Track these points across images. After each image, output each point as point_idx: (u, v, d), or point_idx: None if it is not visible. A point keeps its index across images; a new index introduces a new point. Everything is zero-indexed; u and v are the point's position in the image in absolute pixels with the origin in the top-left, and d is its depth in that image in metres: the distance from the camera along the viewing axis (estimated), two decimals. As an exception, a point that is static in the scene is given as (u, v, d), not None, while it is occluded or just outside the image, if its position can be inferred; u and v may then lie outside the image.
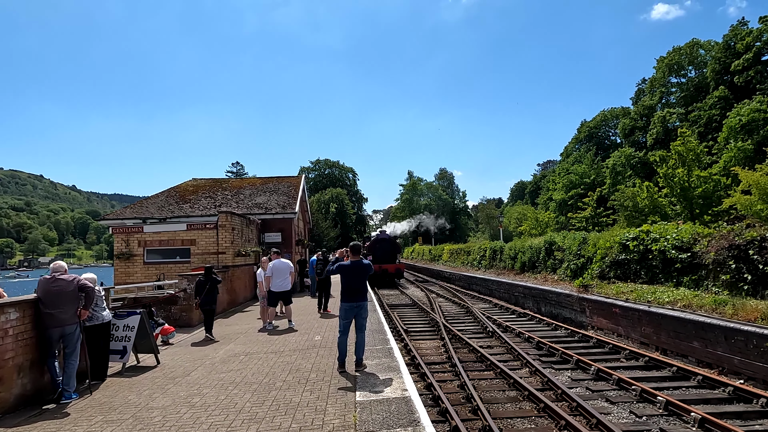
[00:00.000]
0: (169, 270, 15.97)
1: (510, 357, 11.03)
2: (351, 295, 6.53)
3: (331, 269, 6.70)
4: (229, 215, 15.95)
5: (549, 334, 13.41)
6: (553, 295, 16.72)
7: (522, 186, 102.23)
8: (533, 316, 16.52)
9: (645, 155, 58.10)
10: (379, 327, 10.55)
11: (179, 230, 16.30)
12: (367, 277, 6.73)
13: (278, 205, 21.52)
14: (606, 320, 13.13)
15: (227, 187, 23.65)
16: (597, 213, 47.80)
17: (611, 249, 15.68)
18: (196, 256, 16.14)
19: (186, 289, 11.96)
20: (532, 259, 22.66)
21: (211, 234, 16.11)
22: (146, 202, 21.13)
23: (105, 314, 6.89)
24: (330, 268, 6.72)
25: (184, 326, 11.85)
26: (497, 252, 28.51)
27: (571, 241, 19.10)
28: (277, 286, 10.95)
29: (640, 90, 71.01)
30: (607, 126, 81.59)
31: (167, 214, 19.39)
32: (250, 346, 8.89)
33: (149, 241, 16.31)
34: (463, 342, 12.51)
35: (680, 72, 61.56)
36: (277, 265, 11.03)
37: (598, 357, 10.71)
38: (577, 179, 64.61)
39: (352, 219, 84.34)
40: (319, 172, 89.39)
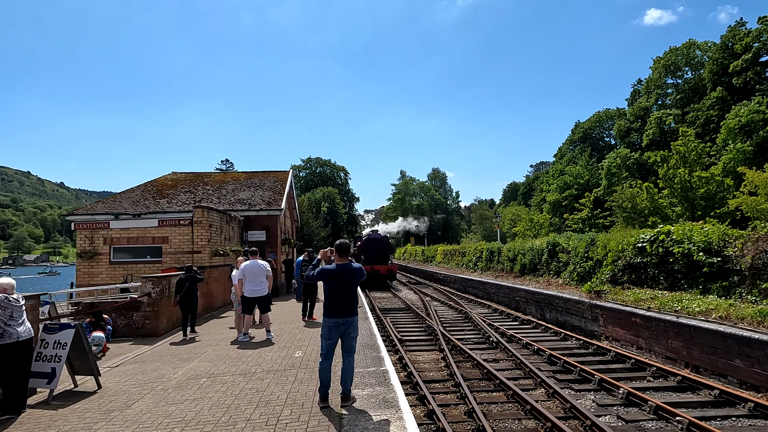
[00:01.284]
0: (138, 270, 14.42)
1: (520, 374, 9.66)
2: (337, 309, 5.11)
3: (312, 274, 5.22)
4: (205, 210, 14.43)
5: (559, 346, 12.07)
6: (560, 301, 15.39)
7: (515, 187, 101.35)
8: (538, 323, 15.18)
9: (641, 156, 57.32)
10: (371, 340, 9.10)
11: (150, 227, 14.75)
12: (358, 284, 5.30)
13: (263, 201, 20.00)
14: (624, 331, 11.79)
15: (209, 182, 22.07)
16: (594, 214, 46.81)
17: (624, 251, 14.37)
18: (168, 255, 14.60)
19: (150, 293, 10.45)
20: (533, 262, 21.33)
21: (185, 231, 14.59)
22: (119, 196, 19.51)
23: (21, 330, 5.38)
24: (311, 273, 5.23)
25: (148, 335, 10.34)
26: (494, 253, 27.18)
27: (577, 243, 17.80)
28: (251, 291, 9.47)
29: (635, 91, 70.35)
30: (602, 127, 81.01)
31: (142, 209, 17.81)
32: (216, 364, 7.41)
33: (116, 239, 14.74)
34: (465, 354, 11.13)
35: (676, 73, 60.79)
36: (249, 267, 9.55)
37: (621, 375, 9.37)
38: (572, 180, 63.67)
39: (344, 219, 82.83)
40: (311, 170, 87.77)
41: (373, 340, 9.02)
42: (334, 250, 5.17)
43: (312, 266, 5.32)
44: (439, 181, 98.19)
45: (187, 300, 10.21)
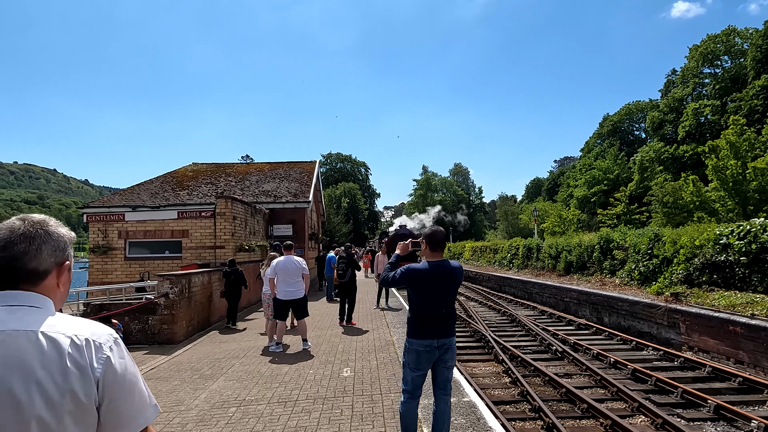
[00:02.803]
0: (156, 267, 13.11)
1: (606, 394, 8.02)
2: (429, 327, 3.50)
3: (392, 276, 3.60)
4: (229, 201, 13.04)
5: (636, 357, 10.36)
6: (624, 304, 13.63)
7: (538, 183, 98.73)
8: (598, 328, 13.45)
9: (676, 150, 54.72)
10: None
11: (169, 219, 13.42)
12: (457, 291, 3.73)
13: (289, 193, 18.61)
14: (716, 341, 10.04)
15: (231, 173, 20.77)
16: (629, 210, 44.52)
17: (702, 248, 12.57)
18: (189, 250, 13.26)
19: (168, 293, 9.09)
20: (581, 259, 19.54)
21: (207, 224, 13.23)
22: (137, 188, 18.32)
23: None
24: (389, 274, 3.64)
25: (165, 342, 8.98)
26: (533, 250, 25.41)
27: (636, 239, 15.99)
28: (285, 293, 7.98)
29: (669, 81, 67.37)
30: (632, 120, 78.30)
31: (161, 201, 16.56)
32: (246, 385, 5.95)
33: (132, 232, 13.45)
34: (530, 367, 9.52)
35: (714, 62, 57.79)
36: (283, 264, 8.04)
37: (734, 398, 7.66)
38: (601, 175, 61.24)
39: (365, 215, 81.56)
40: (331, 166, 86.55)
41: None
42: (423, 241, 3.62)
43: (390, 264, 3.75)
44: (462, 177, 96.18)
45: (231, 292, 10.84)
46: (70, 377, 1.12)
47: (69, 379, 1.12)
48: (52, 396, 1.09)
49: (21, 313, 1.18)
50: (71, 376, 1.13)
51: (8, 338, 1.12)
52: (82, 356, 1.16)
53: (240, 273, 11.02)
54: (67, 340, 1.16)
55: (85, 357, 1.16)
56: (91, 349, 1.18)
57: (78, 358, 1.15)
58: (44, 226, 1.28)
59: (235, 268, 11.02)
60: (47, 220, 1.31)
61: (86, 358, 1.16)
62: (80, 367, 1.15)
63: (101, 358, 1.19)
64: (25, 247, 1.23)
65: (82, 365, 1.15)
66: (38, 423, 1.07)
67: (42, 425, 1.08)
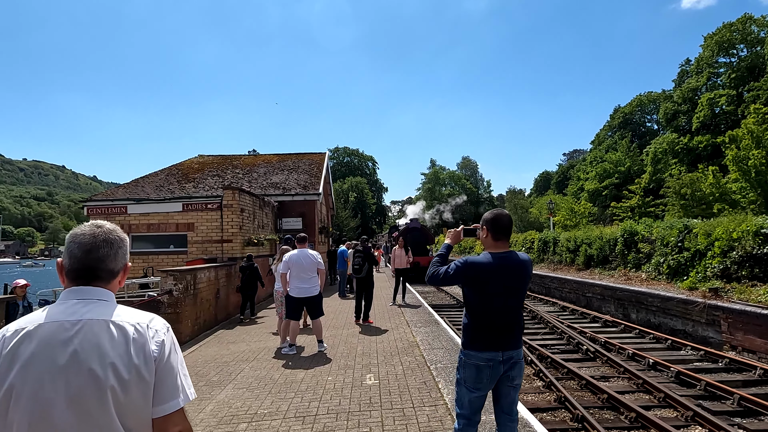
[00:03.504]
0: (160, 262, 12.49)
1: (652, 399, 7.28)
2: (492, 335, 2.78)
3: (445, 272, 2.85)
4: (236, 192, 12.34)
5: (675, 357, 9.60)
6: (654, 300, 12.84)
7: (547, 176, 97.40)
8: (627, 325, 12.69)
9: (690, 141, 53.52)
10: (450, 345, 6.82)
11: (173, 211, 12.76)
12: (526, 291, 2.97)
13: (298, 185, 17.92)
14: (764, 340, 9.25)
15: (238, 165, 20.10)
16: (645, 202, 43.52)
17: (740, 240, 11.75)
18: (194, 244, 12.60)
19: (172, 290, 8.43)
20: (602, 253, 18.72)
21: (214, 216, 12.56)
22: (142, 180, 17.71)
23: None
24: (438, 270, 2.88)
25: (169, 343, 8.32)
26: (549, 244, 24.59)
27: (664, 231, 15.15)
28: (298, 290, 7.27)
29: (683, 71, 65.79)
30: (643, 112, 76.90)
31: (166, 194, 15.94)
32: (257, 395, 5.27)
33: (135, 225, 12.80)
34: (563, 369, 8.80)
35: (729, 51, 56.32)
36: (296, 258, 7.32)
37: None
38: (612, 168, 60.16)
39: (372, 209, 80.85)
40: (338, 160, 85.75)
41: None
42: (484, 227, 2.89)
43: (439, 257, 3.00)
44: (470, 170, 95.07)
45: (247, 286, 10.89)
46: (134, 357, 1.36)
47: (133, 358, 1.36)
48: (122, 372, 1.34)
49: (93, 305, 1.41)
50: (135, 356, 1.37)
51: (86, 326, 1.37)
52: (143, 340, 1.39)
53: (255, 268, 11.05)
54: (131, 327, 1.40)
55: (146, 340, 1.40)
56: (150, 335, 1.41)
57: (141, 341, 1.39)
58: (118, 233, 1.54)
59: (252, 263, 11.07)
60: (116, 228, 1.55)
61: (147, 342, 1.40)
62: (142, 349, 1.38)
63: (157, 342, 1.42)
64: (107, 251, 1.47)
65: (144, 347, 1.39)
66: (112, 392, 1.32)
67: (114, 394, 1.33)
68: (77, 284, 1.44)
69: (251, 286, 10.99)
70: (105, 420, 1.31)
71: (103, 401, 1.31)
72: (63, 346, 1.32)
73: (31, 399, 1.28)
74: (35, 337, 1.33)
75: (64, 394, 1.29)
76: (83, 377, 1.30)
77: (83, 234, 1.46)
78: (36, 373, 1.29)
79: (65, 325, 1.35)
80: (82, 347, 1.32)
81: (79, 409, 1.30)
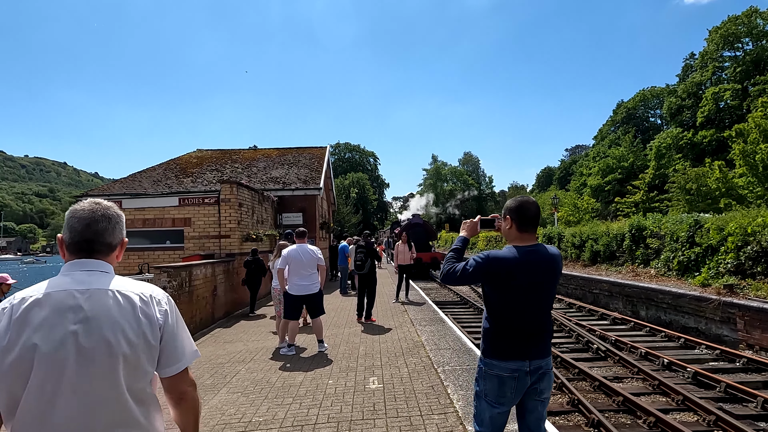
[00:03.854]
0: (156, 259, 12.11)
1: (670, 402, 6.90)
2: (518, 342, 2.41)
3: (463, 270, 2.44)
4: (235, 186, 11.96)
5: (689, 357, 9.22)
6: (665, 296, 12.46)
7: (549, 172, 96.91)
8: (636, 323, 12.29)
9: (694, 136, 53.03)
10: (456, 344, 6.45)
11: (169, 206, 12.38)
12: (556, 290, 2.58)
13: (299, 180, 17.53)
14: (784, 339, 8.89)
15: (238, 159, 19.71)
16: (649, 197, 43.08)
17: (756, 235, 11.36)
18: (191, 240, 12.23)
19: (166, 288, 8.07)
20: (609, 249, 18.33)
21: (211, 211, 12.18)
22: (138, 175, 17.35)
23: None
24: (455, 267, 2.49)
25: (163, 343, 7.97)
26: (553, 239, 24.20)
27: (674, 226, 14.76)
28: (297, 287, 6.90)
29: (687, 66, 65.18)
30: (647, 107, 76.37)
31: (163, 189, 15.57)
32: (253, 401, 4.91)
33: (130, 221, 12.38)
34: (574, 369, 8.44)
35: (735, 45, 55.70)
36: (295, 253, 6.93)
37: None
38: (615, 163, 59.69)
39: (374, 205, 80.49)
40: (339, 156, 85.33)
41: (461, 345, 6.38)
42: (507, 217, 2.50)
43: (453, 252, 2.62)
44: (472, 166, 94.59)
45: (252, 281, 10.74)
46: (141, 324, 1.46)
47: (141, 325, 1.46)
48: (131, 338, 1.42)
49: (96, 276, 1.49)
50: (142, 323, 1.46)
51: (94, 294, 1.44)
52: (148, 308, 1.49)
53: (260, 262, 10.96)
54: (136, 296, 1.49)
55: (151, 308, 1.50)
56: (154, 303, 1.52)
57: (146, 309, 1.49)
58: (116, 210, 1.62)
59: (257, 257, 11.00)
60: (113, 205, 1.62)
61: (152, 309, 1.50)
62: (148, 316, 1.49)
63: (161, 310, 1.53)
64: (105, 225, 1.56)
65: (149, 315, 1.49)
66: (123, 358, 1.40)
67: (125, 359, 1.40)
68: (79, 257, 1.51)
69: (256, 280, 10.79)
70: (112, 381, 1.38)
71: (114, 364, 1.38)
72: (74, 312, 1.39)
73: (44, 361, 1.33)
74: (46, 304, 1.39)
75: (74, 357, 1.35)
76: (95, 341, 1.37)
77: (83, 209, 1.53)
78: (49, 337, 1.35)
79: (74, 294, 1.42)
80: (93, 313, 1.39)
81: (89, 371, 1.36)
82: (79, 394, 1.34)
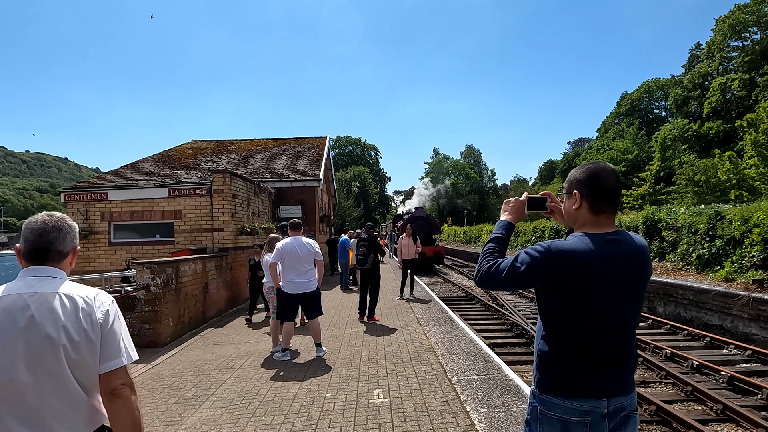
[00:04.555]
0: (145, 253, 11.39)
1: (708, 411, 6.18)
2: (596, 373, 1.64)
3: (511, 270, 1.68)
4: (228, 176, 11.22)
5: (718, 358, 8.50)
6: (686, 292, 11.73)
7: (552, 165, 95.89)
8: (655, 320, 11.57)
9: (700, 127, 52.16)
10: (470, 348, 5.73)
11: (159, 198, 11.64)
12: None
13: (297, 171, 16.79)
14: (824, 339, 8.17)
15: (234, 150, 18.95)
16: (655, 190, 42.30)
17: (785, 226, 10.62)
18: (182, 233, 11.50)
19: (150, 285, 7.36)
20: (621, 242, 17.56)
21: (203, 203, 11.45)
22: (131, 167, 16.63)
23: None
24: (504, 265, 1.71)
25: (147, 346, 7.27)
26: (561, 233, 23.46)
27: (693, 218, 14.01)
28: (293, 285, 6.19)
29: (693, 56, 64.14)
30: (651, 98, 75.38)
31: (156, 181, 14.86)
32: (238, 418, 4.21)
33: (117, 213, 11.68)
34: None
35: (742, 34, 54.70)
36: (290, 247, 6.21)
37: None
38: (619, 156, 58.88)
39: (375, 199, 79.70)
40: (340, 149, 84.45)
41: (477, 349, 5.65)
42: (574, 192, 1.74)
43: (493, 244, 1.86)
44: (474, 159, 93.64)
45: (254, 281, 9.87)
46: (83, 322, 1.60)
47: (82, 323, 1.59)
48: (72, 334, 1.58)
49: (46, 281, 1.64)
50: (84, 321, 1.60)
51: (41, 297, 1.59)
52: (90, 309, 1.63)
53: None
54: (80, 299, 1.63)
55: (93, 310, 1.63)
56: (96, 305, 1.65)
57: (88, 310, 1.62)
58: (67, 221, 1.78)
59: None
60: (66, 216, 1.80)
61: (93, 310, 1.63)
62: (90, 316, 1.62)
63: (102, 311, 1.65)
64: (56, 235, 1.70)
65: (91, 315, 1.62)
66: (64, 350, 1.55)
67: (66, 352, 1.56)
68: (33, 264, 1.68)
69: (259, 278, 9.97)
70: (61, 374, 1.55)
71: (58, 358, 1.55)
72: (22, 312, 1.56)
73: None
74: None
75: (23, 352, 1.53)
76: (40, 338, 1.54)
77: (36, 221, 1.71)
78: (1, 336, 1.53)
79: (23, 296, 1.59)
80: (38, 313, 1.56)
81: (37, 365, 1.53)
82: (29, 386, 1.51)
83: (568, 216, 1.82)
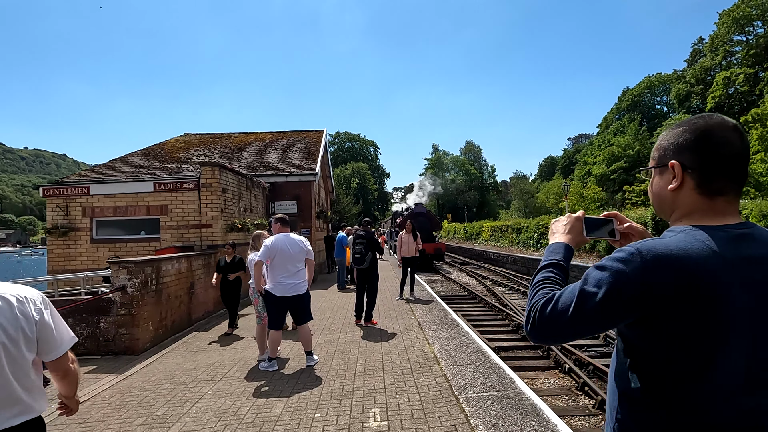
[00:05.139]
0: (130, 251, 10.78)
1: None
2: None
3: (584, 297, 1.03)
4: (216, 170, 10.58)
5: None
6: None
7: (552, 161, 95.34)
8: None
9: (703, 122, 51.64)
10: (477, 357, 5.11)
11: (144, 192, 10.99)
12: None
13: (293, 165, 16.15)
14: None
15: (227, 144, 18.30)
16: (660, 185, 41.81)
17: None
18: (168, 230, 10.86)
19: (126, 286, 6.73)
20: (629, 238, 16.96)
21: (190, 198, 10.81)
22: (119, 161, 15.97)
23: None
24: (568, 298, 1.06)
25: (122, 353, 6.65)
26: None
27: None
28: (283, 287, 5.55)
29: (696, 50, 63.50)
30: (653, 93, 74.79)
31: (145, 175, 14.22)
32: (211, 446, 3.59)
33: (99, 209, 11.03)
34: (607, 379, 7.10)
35: (746, 28, 54.03)
36: (279, 244, 5.58)
37: None
38: (620, 152, 58.32)
39: (374, 195, 79.12)
40: (339, 145, 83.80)
41: (486, 360, 5.02)
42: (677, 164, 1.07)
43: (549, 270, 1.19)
44: (474, 155, 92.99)
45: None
46: (19, 320, 1.68)
47: (18, 321, 1.68)
48: (10, 332, 1.65)
49: None
50: (19, 320, 1.68)
51: None
52: (24, 308, 1.71)
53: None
54: (13, 298, 1.70)
55: (27, 308, 1.72)
56: (29, 303, 1.74)
57: (22, 309, 1.70)
58: None
59: None
60: None
61: (28, 308, 1.72)
62: (24, 314, 1.71)
63: (36, 309, 1.75)
64: None
65: (26, 313, 1.71)
66: (3, 346, 1.62)
67: (5, 348, 1.63)
68: None
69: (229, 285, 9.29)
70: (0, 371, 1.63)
71: None
72: None
73: None
74: None
75: None
76: None
77: None
78: None
79: None
80: None
81: None
82: None
83: (660, 201, 1.18)
